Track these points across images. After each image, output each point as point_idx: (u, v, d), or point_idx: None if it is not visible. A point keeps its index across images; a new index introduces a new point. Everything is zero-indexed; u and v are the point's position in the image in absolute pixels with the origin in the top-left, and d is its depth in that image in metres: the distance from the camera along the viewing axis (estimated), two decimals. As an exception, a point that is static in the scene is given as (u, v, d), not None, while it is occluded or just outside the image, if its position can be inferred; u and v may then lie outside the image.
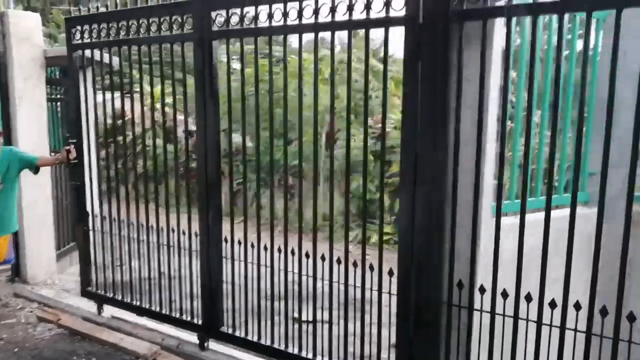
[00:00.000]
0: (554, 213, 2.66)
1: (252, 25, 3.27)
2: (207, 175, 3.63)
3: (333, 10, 2.92)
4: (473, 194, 2.65)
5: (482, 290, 2.69)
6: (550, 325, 2.50)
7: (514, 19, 2.66)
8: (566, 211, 2.49)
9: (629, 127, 2.27)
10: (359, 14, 2.89)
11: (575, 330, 2.43)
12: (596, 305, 2.36)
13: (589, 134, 3.40)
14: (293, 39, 3.43)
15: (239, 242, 3.57)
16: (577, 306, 2.43)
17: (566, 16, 2.59)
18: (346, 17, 2.91)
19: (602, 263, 2.36)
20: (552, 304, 2.51)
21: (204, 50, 3.50)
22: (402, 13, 2.73)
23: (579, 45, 3.16)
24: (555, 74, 2.48)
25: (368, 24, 2.87)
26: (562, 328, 2.49)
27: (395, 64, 9.67)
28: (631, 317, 2.32)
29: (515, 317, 2.59)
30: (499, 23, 2.59)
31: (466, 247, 2.70)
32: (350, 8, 2.88)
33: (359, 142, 8.14)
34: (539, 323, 2.55)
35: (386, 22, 2.80)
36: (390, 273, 2.99)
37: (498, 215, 2.61)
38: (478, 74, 2.56)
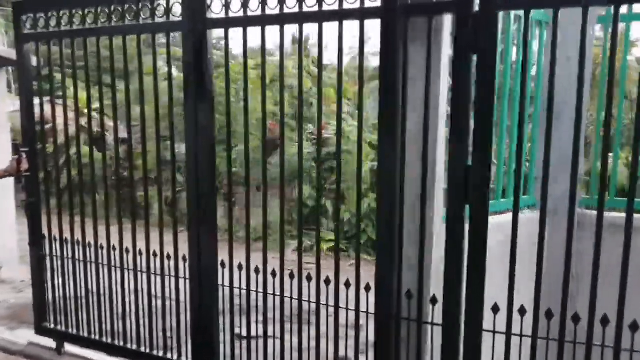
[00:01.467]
0: (501, 217, 2.71)
1: (259, 12, 2.79)
2: (199, 186, 3.08)
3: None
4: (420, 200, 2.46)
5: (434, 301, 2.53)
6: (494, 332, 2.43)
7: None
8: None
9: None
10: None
11: (521, 335, 2.37)
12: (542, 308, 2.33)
13: (535, 138, 3.37)
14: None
15: (240, 267, 3.05)
16: (522, 310, 2.37)
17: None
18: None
19: (549, 266, 2.37)
20: (495, 309, 2.42)
21: (195, 43, 2.97)
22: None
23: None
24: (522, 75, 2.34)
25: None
26: (508, 334, 2.37)
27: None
28: (576, 318, 2.31)
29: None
30: (448, 20, 2.44)
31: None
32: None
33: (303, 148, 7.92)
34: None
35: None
36: (368, 288, 2.70)
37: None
38: (423, 72, 2.38)
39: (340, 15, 2.55)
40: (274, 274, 2.94)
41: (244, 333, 3.04)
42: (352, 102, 11.47)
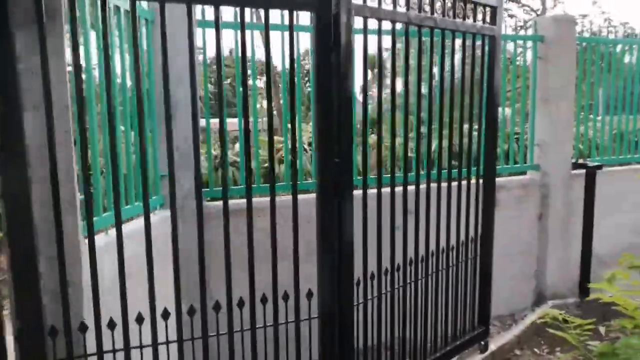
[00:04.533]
0: (133, 224, 2.60)
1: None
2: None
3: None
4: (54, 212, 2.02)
5: (84, 328, 2.10)
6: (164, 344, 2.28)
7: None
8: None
9: (188, 129, 2.32)
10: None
11: (167, 342, 2.28)
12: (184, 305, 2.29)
13: (155, 137, 3.16)
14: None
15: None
16: (165, 314, 2.27)
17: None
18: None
19: (184, 261, 2.34)
20: (139, 319, 2.25)
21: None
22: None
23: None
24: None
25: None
26: (154, 345, 2.23)
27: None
28: (217, 307, 2.36)
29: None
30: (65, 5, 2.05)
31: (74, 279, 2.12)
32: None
33: None
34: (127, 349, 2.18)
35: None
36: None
37: (91, 235, 2.09)
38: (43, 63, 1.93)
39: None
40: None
41: None
42: None
